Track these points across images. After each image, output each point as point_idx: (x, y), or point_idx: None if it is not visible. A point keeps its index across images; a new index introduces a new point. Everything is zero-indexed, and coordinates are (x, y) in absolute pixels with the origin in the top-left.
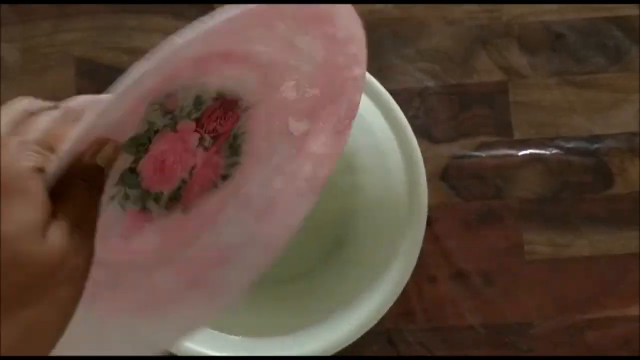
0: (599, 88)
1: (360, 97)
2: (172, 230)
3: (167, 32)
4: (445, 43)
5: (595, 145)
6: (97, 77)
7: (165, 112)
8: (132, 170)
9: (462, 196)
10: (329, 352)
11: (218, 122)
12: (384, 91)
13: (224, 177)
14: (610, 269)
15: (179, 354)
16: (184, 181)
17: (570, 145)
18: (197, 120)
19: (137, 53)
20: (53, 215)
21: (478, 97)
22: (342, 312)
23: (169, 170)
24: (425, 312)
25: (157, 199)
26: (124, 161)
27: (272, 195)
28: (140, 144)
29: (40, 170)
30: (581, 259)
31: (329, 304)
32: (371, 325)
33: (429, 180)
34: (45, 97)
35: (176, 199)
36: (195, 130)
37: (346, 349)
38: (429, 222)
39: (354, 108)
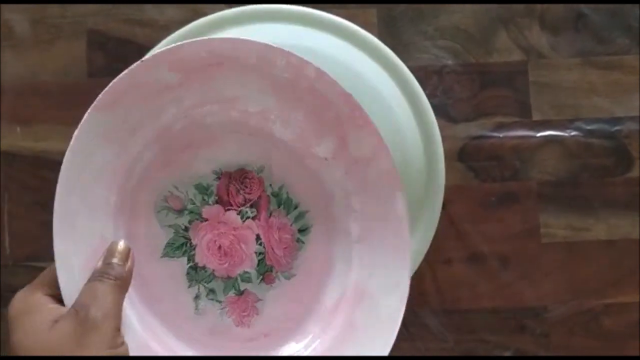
0: (621, 70)
1: (331, 83)
2: (293, 295)
3: (180, 5)
4: (466, 21)
5: (616, 128)
6: (109, 49)
7: (178, 211)
8: (195, 268)
9: (479, 177)
10: None
11: (243, 193)
12: (403, 66)
13: (303, 231)
14: (628, 254)
15: None
16: (261, 253)
17: (590, 127)
18: (219, 202)
19: (150, 26)
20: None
21: (497, 76)
22: None
23: (233, 252)
24: (439, 295)
25: (246, 279)
26: (180, 264)
27: (360, 214)
28: (181, 245)
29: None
30: (599, 243)
31: None
32: None
33: (445, 160)
34: (55, 69)
35: (269, 271)
36: (227, 209)
37: None
38: (445, 203)
39: (342, 94)
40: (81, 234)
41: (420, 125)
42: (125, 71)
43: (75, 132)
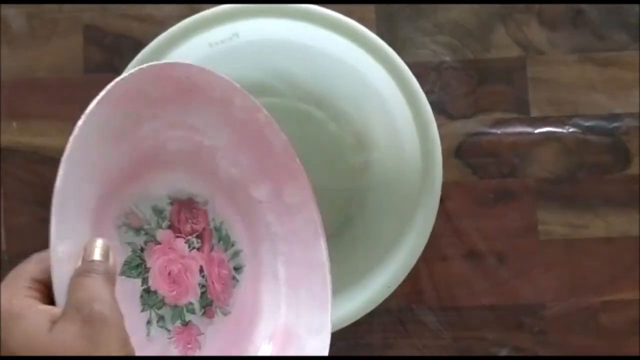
0: (620, 66)
1: (276, 132)
2: (228, 332)
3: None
4: (464, 17)
5: (614, 124)
6: (106, 45)
7: (136, 230)
8: (148, 291)
9: (477, 174)
10: (337, 327)
11: (190, 222)
12: (400, 62)
13: (238, 269)
14: (626, 251)
15: None
16: (203, 286)
17: (589, 123)
18: (171, 227)
19: (147, 21)
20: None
21: (495, 73)
22: (351, 288)
23: (181, 281)
24: (436, 292)
25: (190, 310)
26: (134, 286)
27: (287, 259)
28: (137, 265)
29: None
30: (597, 241)
31: (337, 280)
32: (380, 301)
33: (442, 157)
34: (51, 65)
35: (210, 305)
36: (177, 236)
37: (355, 324)
38: (442, 200)
39: (284, 144)
40: (74, 236)
41: (418, 122)
42: (124, 75)
43: (80, 122)
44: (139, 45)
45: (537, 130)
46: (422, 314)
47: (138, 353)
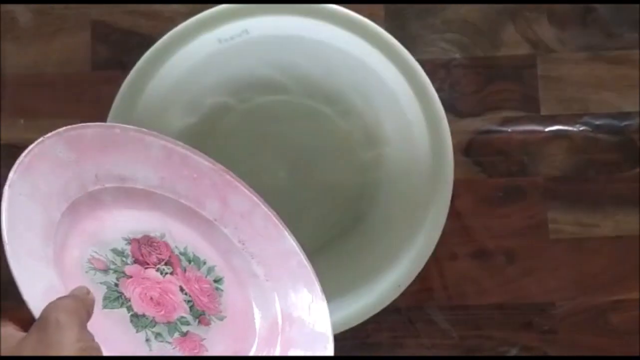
0: (630, 64)
1: (198, 155)
2: (230, 332)
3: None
4: (474, 14)
5: (624, 123)
6: (113, 41)
7: (104, 271)
8: (136, 315)
9: (486, 172)
10: (347, 326)
11: (154, 254)
12: (410, 57)
13: (218, 281)
14: (636, 250)
15: None
16: (189, 301)
17: (599, 122)
18: (136, 262)
19: (155, 17)
20: None
21: (505, 70)
22: (361, 286)
23: (164, 302)
24: (445, 290)
25: (185, 323)
26: (120, 314)
27: (260, 258)
28: (116, 298)
29: None
30: (606, 240)
31: (347, 278)
32: (390, 300)
33: None
34: (58, 61)
35: (202, 314)
36: (146, 268)
37: (363, 323)
38: (451, 198)
39: (210, 163)
40: (32, 274)
41: (428, 118)
42: (32, 145)
43: (5, 189)
44: (147, 42)
45: (547, 129)
46: (431, 313)
47: None
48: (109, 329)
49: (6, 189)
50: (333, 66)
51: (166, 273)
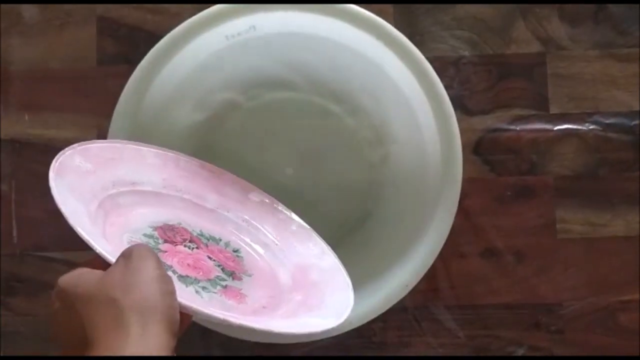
0: None
1: (188, 160)
2: (260, 284)
3: None
4: (484, 11)
5: (635, 122)
6: (120, 37)
7: None
8: (182, 276)
9: (495, 171)
10: (353, 325)
11: (178, 236)
12: (420, 55)
13: (237, 250)
14: None
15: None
16: (219, 265)
17: (609, 121)
18: (166, 242)
19: (162, 13)
20: None
21: (515, 68)
22: (368, 285)
23: (200, 266)
24: (452, 290)
25: (222, 279)
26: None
27: (264, 232)
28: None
29: None
30: (616, 239)
31: (354, 276)
32: (397, 299)
33: None
34: (64, 56)
35: (233, 273)
36: (175, 245)
37: (370, 323)
38: (460, 197)
39: (198, 164)
40: (95, 239)
41: (438, 116)
42: (56, 156)
43: (50, 181)
44: (153, 37)
45: (557, 127)
46: (438, 312)
47: (204, 307)
48: None
49: (52, 184)
50: (341, 64)
51: (193, 248)
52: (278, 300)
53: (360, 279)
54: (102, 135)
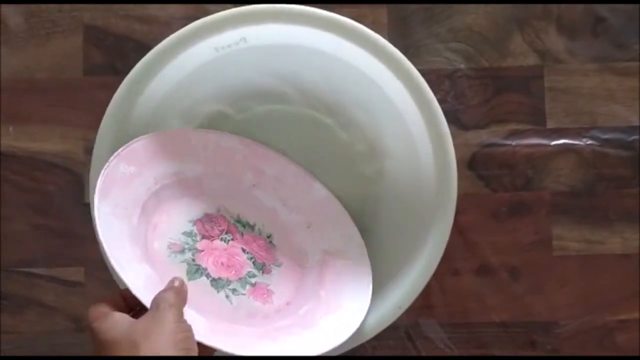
0: None
1: (226, 138)
2: (287, 275)
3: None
4: (480, 22)
5: (633, 137)
6: (107, 46)
7: (181, 252)
8: (214, 280)
9: (490, 186)
10: (344, 348)
11: (216, 228)
12: (415, 70)
13: (270, 236)
14: None
15: None
16: (252, 257)
17: (607, 136)
18: (204, 238)
19: (150, 22)
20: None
21: (511, 82)
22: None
23: (233, 263)
24: (446, 307)
25: (252, 275)
26: (202, 282)
27: (299, 210)
28: (196, 270)
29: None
30: (613, 257)
31: None
32: (390, 322)
33: None
34: (50, 66)
35: (264, 266)
36: (212, 240)
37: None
38: (455, 213)
39: (235, 141)
40: (132, 272)
41: (432, 134)
42: (102, 172)
43: (94, 212)
44: (141, 47)
45: (554, 142)
46: (431, 330)
47: (231, 318)
48: (198, 298)
49: (95, 213)
50: (334, 76)
51: (228, 240)
52: (302, 293)
53: None
54: (89, 148)
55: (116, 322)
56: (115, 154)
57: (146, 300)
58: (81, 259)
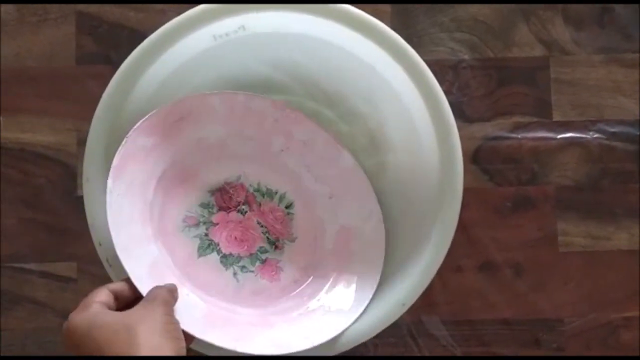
0: None
1: (256, 100)
2: (299, 251)
3: None
4: (485, 12)
5: None
6: (100, 34)
7: (196, 225)
8: (225, 256)
9: (495, 181)
10: (347, 346)
11: (234, 198)
12: (420, 61)
13: (289, 206)
14: None
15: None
16: (266, 231)
17: (614, 129)
18: (220, 209)
19: (145, 10)
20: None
21: (517, 73)
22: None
23: (246, 237)
24: (449, 305)
25: (263, 251)
26: (212, 258)
27: (325, 179)
28: (207, 245)
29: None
30: (619, 253)
31: None
32: (394, 319)
33: None
34: (41, 54)
35: (277, 241)
36: (229, 212)
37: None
38: None
39: (267, 104)
40: (137, 259)
41: (437, 125)
42: (119, 147)
43: (107, 196)
44: (136, 35)
45: (560, 136)
46: (434, 328)
47: (233, 299)
48: (205, 274)
49: (107, 197)
50: (335, 66)
51: (245, 212)
52: (312, 270)
53: None
54: (82, 139)
55: (96, 314)
56: (134, 127)
57: (145, 289)
58: (74, 254)
